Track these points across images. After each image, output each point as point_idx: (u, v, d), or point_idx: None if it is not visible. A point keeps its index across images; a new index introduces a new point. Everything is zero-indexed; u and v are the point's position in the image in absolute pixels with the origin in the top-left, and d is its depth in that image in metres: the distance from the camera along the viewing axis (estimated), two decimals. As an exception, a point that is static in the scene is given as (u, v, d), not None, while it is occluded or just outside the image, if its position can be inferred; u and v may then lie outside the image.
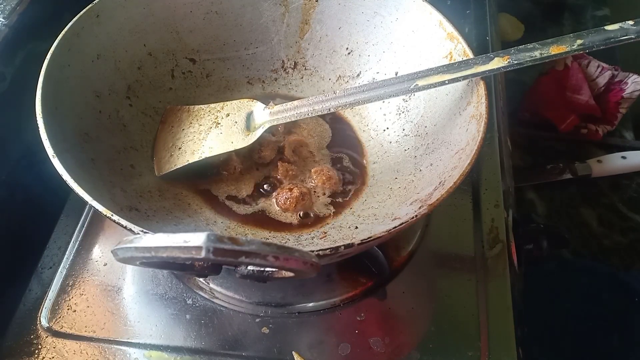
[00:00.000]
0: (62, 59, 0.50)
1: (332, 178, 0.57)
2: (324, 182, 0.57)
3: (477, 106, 0.50)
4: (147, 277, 0.55)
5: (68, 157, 0.44)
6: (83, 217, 0.59)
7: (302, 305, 0.53)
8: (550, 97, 0.93)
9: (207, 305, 0.53)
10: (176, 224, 0.52)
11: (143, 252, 0.32)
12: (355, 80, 0.63)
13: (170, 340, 0.50)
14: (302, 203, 0.55)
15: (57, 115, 0.47)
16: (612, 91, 0.91)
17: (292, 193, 0.55)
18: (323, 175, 0.57)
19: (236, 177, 0.57)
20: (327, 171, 0.58)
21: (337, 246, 0.40)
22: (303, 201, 0.55)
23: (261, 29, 0.64)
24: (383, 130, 0.61)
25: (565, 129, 0.92)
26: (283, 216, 0.55)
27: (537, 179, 0.87)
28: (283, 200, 0.55)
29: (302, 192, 0.55)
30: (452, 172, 0.48)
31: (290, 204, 0.55)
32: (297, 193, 0.55)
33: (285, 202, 0.55)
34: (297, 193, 0.55)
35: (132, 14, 0.57)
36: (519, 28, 1.04)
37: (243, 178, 0.58)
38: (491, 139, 0.65)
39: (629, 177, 0.87)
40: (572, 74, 0.92)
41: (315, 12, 0.63)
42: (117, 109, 0.56)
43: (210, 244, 0.30)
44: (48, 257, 0.56)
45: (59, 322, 0.51)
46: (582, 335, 0.69)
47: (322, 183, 0.57)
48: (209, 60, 0.63)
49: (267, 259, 0.31)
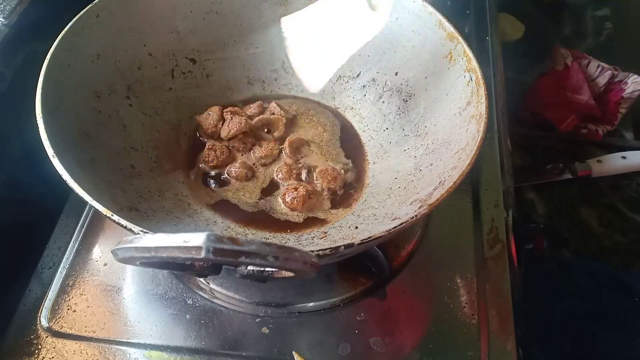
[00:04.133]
0: (62, 59, 0.50)
1: (337, 178, 0.57)
2: (329, 182, 0.57)
3: (477, 106, 0.50)
4: (147, 277, 0.54)
5: (68, 157, 0.44)
6: (83, 217, 0.59)
7: (302, 305, 0.53)
8: (550, 97, 0.93)
9: (207, 305, 0.53)
10: (176, 224, 0.52)
11: (143, 252, 0.32)
12: (355, 80, 0.63)
13: (170, 341, 0.50)
14: (309, 202, 0.55)
15: (57, 115, 0.47)
16: (612, 91, 0.91)
17: (298, 192, 0.55)
18: (328, 176, 0.57)
19: (239, 178, 0.57)
20: (332, 171, 0.58)
21: (337, 246, 0.40)
22: (310, 200, 0.55)
23: (261, 29, 0.64)
24: (383, 131, 0.61)
25: (565, 129, 0.92)
26: (289, 215, 0.55)
27: (537, 179, 0.86)
28: (290, 199, 0.55)
29: (308, 190, 0.55)
30: (452, 172, 0.48)
31: (298, 203, 0.55)
32: (303, 192, 0.55)
33: (292, 201, 0.55)
34: (303, 192, 0.55)
35: (132, 14, 0.57)
36: (519, 28, 1.04)
37: (246, 178, 0.58)
38: (491, 139, 0.65)
39: (629, 177, 0.87)
40: (572, 74, 0.92)
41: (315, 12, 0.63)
42: (117, 109, 0.56)
43: (210, 244, 0.30)
44: (48, 257, 0.56)
45: (58, 322, 0.51)
46: (582, 335, 0.69)
47: (327, 183, 0.57)
48: (209, 60, 0.63)
49: (267, 259, 0.31)
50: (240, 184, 0.57)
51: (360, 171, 0.59)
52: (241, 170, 0.57)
